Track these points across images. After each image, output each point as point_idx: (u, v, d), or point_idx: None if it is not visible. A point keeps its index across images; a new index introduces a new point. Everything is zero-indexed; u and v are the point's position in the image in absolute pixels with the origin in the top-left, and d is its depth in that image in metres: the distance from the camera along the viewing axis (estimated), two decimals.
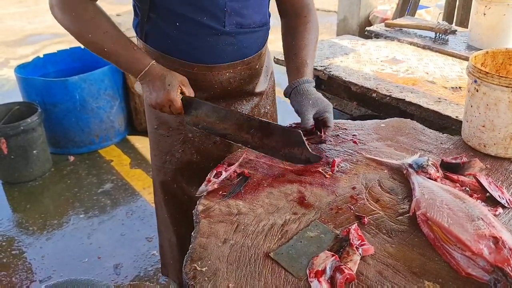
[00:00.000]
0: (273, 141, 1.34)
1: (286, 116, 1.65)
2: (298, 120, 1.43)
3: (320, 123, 1.43)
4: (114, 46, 1.32)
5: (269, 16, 1.56)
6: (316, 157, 1.35)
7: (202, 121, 1.38)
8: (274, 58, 2.46)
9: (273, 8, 1.57)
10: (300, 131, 1.32)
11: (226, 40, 1.43)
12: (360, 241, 1.04)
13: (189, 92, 1.38)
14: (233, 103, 1.58)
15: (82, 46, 1.38)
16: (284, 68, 1.68)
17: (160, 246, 2.01)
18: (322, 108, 1.41)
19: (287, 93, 1.46)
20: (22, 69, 3.59)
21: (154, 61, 1.35)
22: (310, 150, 1.33)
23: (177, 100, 1.33)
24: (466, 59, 2.33)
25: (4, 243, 2.66)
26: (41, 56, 3.84)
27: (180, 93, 1.35)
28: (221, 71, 1.48)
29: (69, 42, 6.16)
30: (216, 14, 1.37)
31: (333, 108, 2.33)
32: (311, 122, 1.39)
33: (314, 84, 1.46)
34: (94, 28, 1.31)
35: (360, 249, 1.02)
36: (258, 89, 1.65)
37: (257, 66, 1.57)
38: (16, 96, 3.64)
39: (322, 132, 1.44)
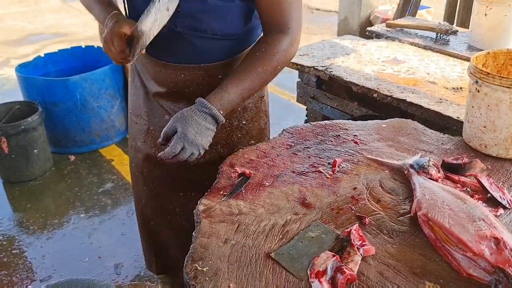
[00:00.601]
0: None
1: (286, 116, 1.65)
2: (295, 120, 1.42)
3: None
4: (92, 5, 1.43)
5: (251, 29, 1.44)
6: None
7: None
8: None
9: None
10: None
11: (178, 41, 1.37)
12: (361, 241, 1.04)
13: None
14: None
15: (83, 45, 1.45)
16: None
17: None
18: (174, 131, 1.25)
19: None
20: (23, 69, 3.59)
21: (118, 12, 1.37)
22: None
23: (118, 33, 1.28)
24: (467, 59, 2.32)
25: (4, 242, 2.66)
26: (42, 55, 3.84)
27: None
28: (175, 71, 1.44)
29: (69, 41, 6.18)
30: None
31: (334, 108, 2.36)
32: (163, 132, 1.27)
33: (212, 114, 1.26)
34: None
35: (361, 250, 1.02)
36: None
37: (219, 76, 1.43)
38: (17, 95, 3.64)
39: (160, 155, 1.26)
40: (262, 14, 1.35)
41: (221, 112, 1.27)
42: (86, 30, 6.71)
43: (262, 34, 1.40)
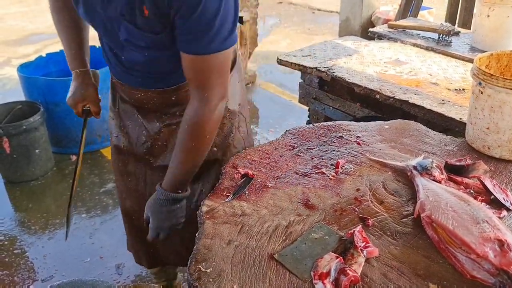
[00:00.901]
0: None
1: (287, 116, 1.64)
2: (296, 120, 1.42)
3: None
4: (64, 43, 1.57)
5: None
6: None
7: None
8: (277, 58, 2.46)
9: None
10: None
11: (127, 74, 1.44)
12: (364, 243, 1.04)
13: (93, 109, 1.60)
14: (161, 117, 1.53)
15: None
16: (285, 68, 1.66)
17: None
18: (147, 216, 1.40)
19: None
20: (25, 68, 3.59)
21: (79, 70, 1.57)
22: None
23: (74, 108, 1.59)
24: (470, 60, 2.32)
25: (6, 242, 2.65)
26: (44, 55, 3.84)
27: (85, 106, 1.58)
28: (132, 91, 1.49)
29: None
30: (110, 40, 1.36)
31: (336, 109, 2.35)
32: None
33: (164, 197, 1.34)
34: (56, 23, 1.54)
35: (364, 251, 1.02)
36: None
37: (173, 97, 1.46)
38: (19, 95, 3.64)
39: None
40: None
41: (179, 192, 1.34)
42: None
43: None
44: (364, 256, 1.02)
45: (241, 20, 1.50)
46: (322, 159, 1.41)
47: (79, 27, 1.53)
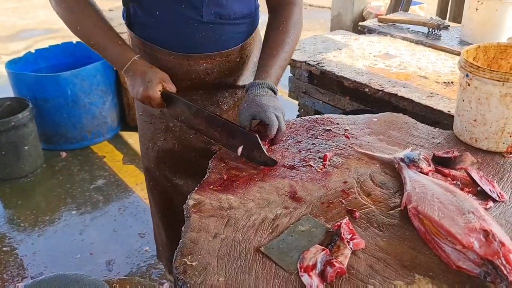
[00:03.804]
0: (236, 141, 1.34)
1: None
2: (288, 117, 1.43)
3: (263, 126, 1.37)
4: (101, 39, 1.39)
5: (257, 8, 1.53)
6: (272, 161, 1.31)
7: (180, 115, 1.43)
8: None
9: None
10: (256, 134, 1.29)
11: (203, 31, 1.41)
12: (351, 235, 1.04)
13: (170, 87, 1.40)
14: (214, 95, 1.57)
15: (74, 41, 1.46)
16: None
17: (153, 231, 2.03)
18: (255, 111, 1.32)
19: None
20: (13, 65, 3.55)
21: (137, 56, 1.40)
22: (266, 153, 1.30)
23: (155, 97, 1.37)
24: (459, 54, 2.33)
25: None
26: (33, 51, 3.80)
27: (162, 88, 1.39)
28: (198, 61, 1.46)
29: (61, 37, 6.12)
30: (194, 4, 1.36)
31: (326, 103, 2.35)
32: (245, 124, 1.34)
33: (268, 86, 1.38)
34: (83, 20, 1.38)
35: (351, 243, 1.02)
36: (243, 82, 1.61)
37: (238, 59, 1.53)
38: (7, 91, 3.61)
39: (269, 135, 1.33)
40: None
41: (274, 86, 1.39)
42: None
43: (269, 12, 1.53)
44: (351, 248, 1.01)
45: None
46: (310, 152, 1.40)
47: (105, 19, 1.42)
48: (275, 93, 1.39)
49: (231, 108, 1.61)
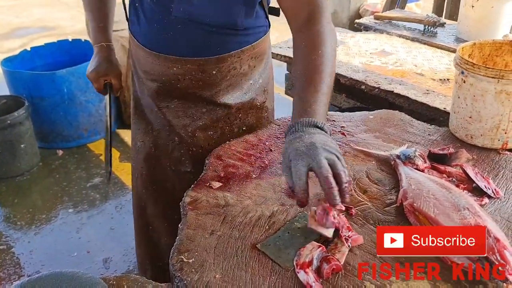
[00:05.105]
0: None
1: (275, 108, 1.63)
2: (283, 112, 1.41)
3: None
4: (88, 14, 1.59)
5: (250, 27, 1.38)
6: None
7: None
8: (272, 53, 2.44)
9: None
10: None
11: (173, 30, 1.34)
12: (349, 232, 1.04)
13: (116, 84, 1.62)
14: (189, 107, 1.47)
15: (70, 39, 1.56)
16: (273, 61, 1.66)
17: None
18: (313, 157, 0.99)
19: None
20: (9, 62, 3.54)
21: (106, 43, 1.56)
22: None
23: (95, 83, 1.60)
24: (455, 51, 2.32)
25: None
26: (28, 49, 3.79)
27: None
28: (168, 63, 1.39)
29: (57, 35, 6.10)
30: None
31: None
32: (301, 185, 1.00)
33: (318, 123, 1.08)
34: None
35: (349, 241, 1.02)
36: (228, 100, 1.47)
37: (214, 72, 1.39)
38: (3, 89, 3.59)
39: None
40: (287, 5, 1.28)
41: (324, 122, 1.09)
42: (74, 24, 6.63)
43: (294, 33, 1.28)
44: (349, 246, 1.01)
45: (277, 12, 1.40)
46: None
47: (106, 1, 1.57)
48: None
49: (207, 126, 1.49)
